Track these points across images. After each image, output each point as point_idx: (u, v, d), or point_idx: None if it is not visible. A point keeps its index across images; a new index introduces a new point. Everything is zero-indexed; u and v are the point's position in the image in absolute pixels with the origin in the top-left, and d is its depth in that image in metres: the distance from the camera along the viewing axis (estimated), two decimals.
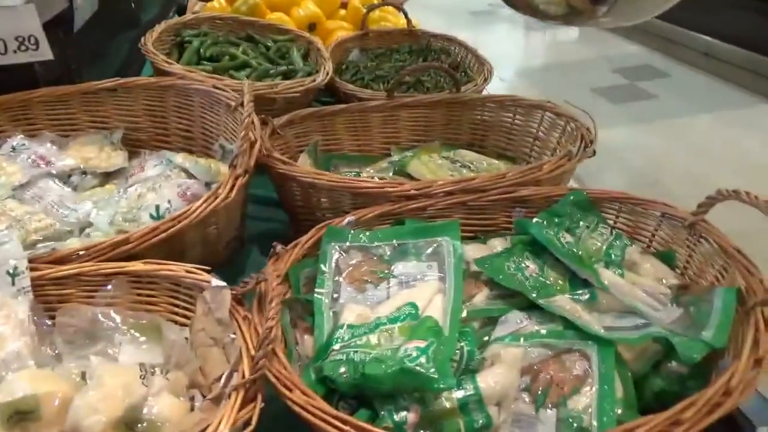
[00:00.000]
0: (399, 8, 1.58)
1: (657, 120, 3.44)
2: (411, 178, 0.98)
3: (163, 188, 0.81)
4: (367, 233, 0.72)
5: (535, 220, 0.73)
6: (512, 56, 4.90)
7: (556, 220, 0.72)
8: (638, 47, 4.68)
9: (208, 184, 0.85)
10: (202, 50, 1.27)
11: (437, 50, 1.49)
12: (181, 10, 2.01)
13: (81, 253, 0.68)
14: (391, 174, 1.02)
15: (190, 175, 0.85)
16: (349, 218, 0.74)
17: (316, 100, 1.27)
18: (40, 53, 0.89)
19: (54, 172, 0.87)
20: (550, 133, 1.03)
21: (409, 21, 1.56)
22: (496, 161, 0.99)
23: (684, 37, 4.27)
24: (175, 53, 1.28)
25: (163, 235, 0.69)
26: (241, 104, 0.86)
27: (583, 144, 0.89)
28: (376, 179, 0.91)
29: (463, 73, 1.37)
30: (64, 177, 0.88)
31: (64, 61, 0.95)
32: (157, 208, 0.78)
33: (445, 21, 5.58)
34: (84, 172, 0.89)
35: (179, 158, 0.88)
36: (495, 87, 1.29)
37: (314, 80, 1.13)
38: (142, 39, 1.15)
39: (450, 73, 1.11)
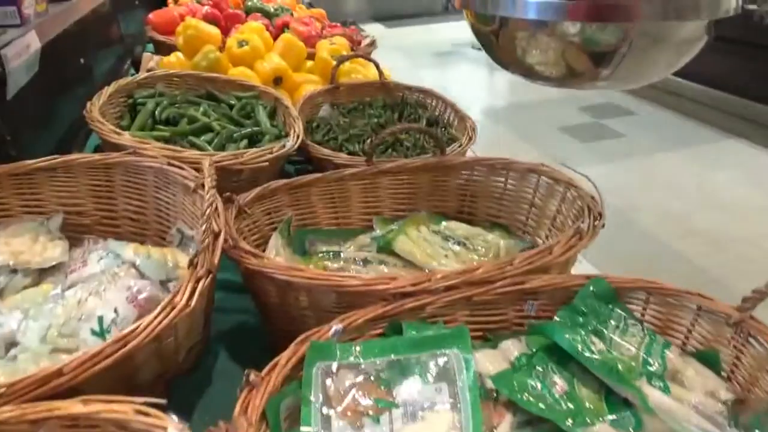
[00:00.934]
0: (369, 59, 1.49)
1: (626, 158, 3.45)
2: (397, 257, 0.87)
3: (108, 291, 0.68)
4: (359, 347, 0.60)
5: (556, 319, 0.62)
6: (477, 96, 4.92)
7: (580, 319, 0.62)
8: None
9: (164, 283, 0.71)
10: (157, 113, 1.15)
11: (413, 104, 1.41)
12: (138, 63, 1.89)
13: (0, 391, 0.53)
14: (374, 252, 0.91)
15: (142, 274, 0.71)
16: (335, 327, 0.61)
17: (287, 161, 1.16)
18: None
19: None
20: (547, 200, 0.93)
21: (381, 72, 1.48)
22: (492, 235, 0.89)
23: None
24: (127, 118, 1.15)
25: (107, 361, 0.56)
26: (201, 185, 0.74)
27: (592, 217, 0.80)
28: (363, 274, 0.79)
29: (443, 130, 1.28)
30: None
31: None
32: (101, 320, 0.64)
33: (411, 62, 5.62)
34: (14, 270, 0.75)
35: (128, 251, 0.74)
36: None
37: (284, 146, 1.02)
38: (88, 105, 1.02)
39: (433, 135, 1.01)
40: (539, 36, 0.74)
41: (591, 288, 0.66)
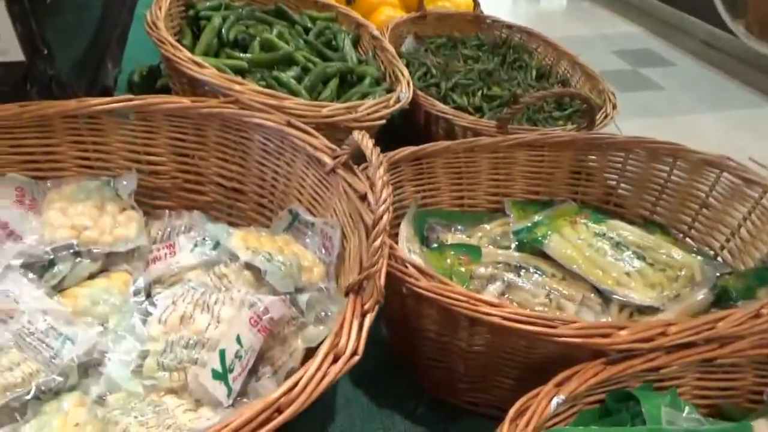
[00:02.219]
0: None
1: (666, 115, 3.25)
2: (546, 258, 0.69)
3: (222, 306, 0.49)
4: None
5: None
6: None
7: None
8: (636, 28, 4.45)
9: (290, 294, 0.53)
10: (224, 31, 0.91)
11: (516, 47, 1.18)
12: None
13: None
14: (513, 248, 0.73)
15: (260, 282, 0.52)
16: (556, 399, 0.44)
17: None
18: (3, 50, 0.53)
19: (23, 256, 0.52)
20: (729, 204, 0.75)
21: (477, 3, 1.24)
22: (678, 250, 0.70)
23: (685, 22, 4.07)
24: (187, 34, 0.91)
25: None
26: (342, 165, 0.54)
27: None
28: (534, 294, 0.62)
29: (560, 86, 1.07)
30: (38, 263, 0.53)
31: (37, 61, 0.59)
32: (223, 356, 0.46)
33: None
34: (77, 253, 0.55)
35: (235, 242, 0.54)
36: None
37: (399, 99, 0.80)
38: (148, 17, 0.78)
39: (590, 105, 0.80)
40: None
41: None
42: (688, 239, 0.79)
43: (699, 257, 0.69)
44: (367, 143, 0.49)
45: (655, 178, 0.81)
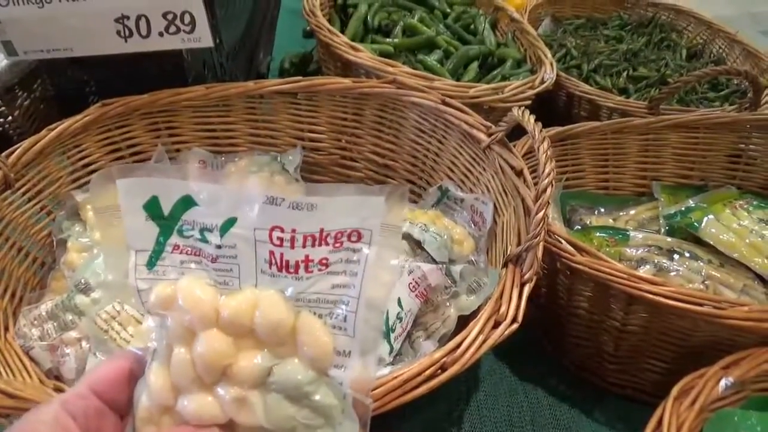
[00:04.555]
0: None
1: None
2: (706, 246, 0.66)
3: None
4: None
5: None
6: None
7: None
8: None
9: (445, 265, 0.55)
10: (369, 18, 0.95)
11: (663, 26, 1.12)
12: None
13: None
14: (663, 233, 0.70)
15: (419, 251, 0.55)
16: (725, 380, 0.43)
17: None
18: (197, 36, 0.60)
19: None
20: None
21: None
22: None
23: None
24: (336, 21, 0.97)
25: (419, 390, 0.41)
26: (498, 142, 0.56)
27: None
28: (690, 277, 0.60)
29: (714, 65, 1.00)
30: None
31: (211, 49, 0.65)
32: (386, 315, 0.49)
33: None
34: None
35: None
36: None
37: (543, 80, 0.80)
38: (306, 4, 0.84)
39: (755, 82, 0.75)
40: None
41: None
42: None
43: None
44: (529, 119, 0.50)
45: None
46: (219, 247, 0.28)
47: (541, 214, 0.46)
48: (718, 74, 0.81)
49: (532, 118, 0.50)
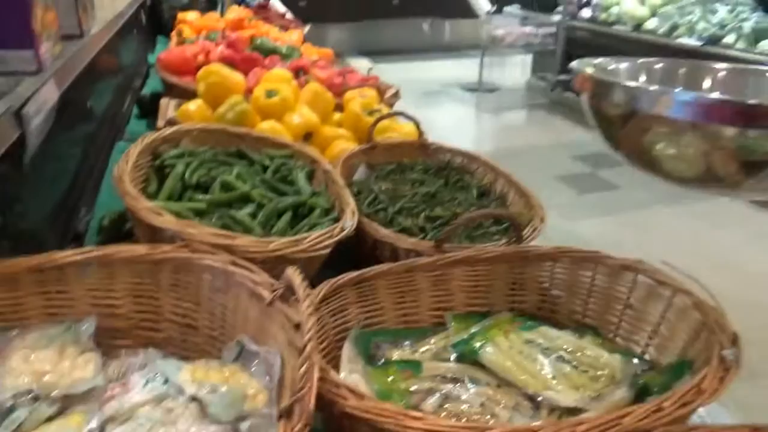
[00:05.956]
0: (409, 117, 1.39)
1: (622, 211, 3.42)
2: (486, 370, 0.75)
3: None
4: None
5: None
6: (467, 138, 4.87)
7: None
8: (591, 134, 4.75)
9: (234, 424, 0.57)
10: (187, 176, 1.01)
11: (458, 169, 1.30)
12: (142, 104, 1.75)
13: None
14: (453, 359, 0.78)
15: (206, 412, 0.57)
16: None
17: None
18: None
19: None
20: (647, 304, 0.83)
21: (421, 132, 1.37)
22: (598, 349, 0.77)
23: None
24: (153, 181, 1.01)
25: None
26: (280, 298, 0.61)
27: (727, 338, 0.69)
28: (468, 403, 0.67)
29: (497, 202, 1.17)
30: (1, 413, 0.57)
31: (11, 218, 0.66)
32: None
33: (405, 102, 5.55)
34: (36, 398, 0.59)
35: (184, 376, 0.60)
36: None
37: (343, 228, 0.89)
38: (115, 171, 0.88)
39: (514, 223, 0.90)
40: (681, 134, 0.64)
41: None
42: (618, 339, 0.85)
43: (621, 356, 0.75)
44: (296, 279, 0.56)
45: (582, 284, 0.88)
46: None
47: (304, 367, 0.50)
48: (483, 217, 0.96)
49: (299, 278, 0.57)
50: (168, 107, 1.37)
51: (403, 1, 7.51)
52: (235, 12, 2.39)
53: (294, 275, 0.57)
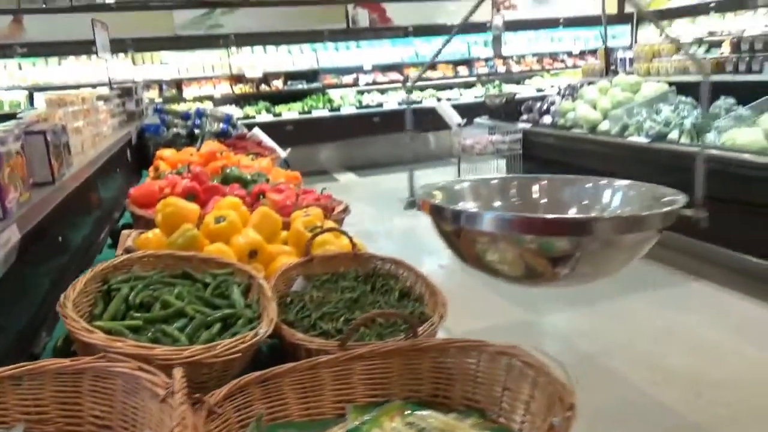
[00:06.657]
0: (341, 231, 1.56)
1: (593, 303, 3.51)
2: None
3: None
4: None
5: None
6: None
7: None
8: None
9: None
10: (131, 298, 1.16)
11: (385, 275, 1.45)
12: (114, 235, 1.93)
13: None
14: None
15: None
16: None
17: None
18: None
19: None
20: (519, 384, 0.94)
21: (354, 244, 1.53)
22: (466, 425, 0.88)
23: None
24: (101, 304, 1.16)
25: None
26: (172, 393, 0.74)
27: (564, 409, 0.80)
28: None
29: (415, 303, 1.31)
30: None
31: None
32: None
33: (380, 210, 5.82)
34: None
35: None
36: (434, 272, 1.22)
37: (256, 335, 1.02)
38: (61, 298, 1.03)
39: (407, 320, 1.03)
40: (496, 243, 0.80)
41: None
42: (501, 418, 0.96)
43: (480, 419, 0.86)
44: (177, 383, 0.69)
45: (468, 370, 1.00)
46: None
47: None
48: (377, 316, 1.10)
49: (180, 384, 0.70)
50: (128, 237, 1.55)
51: (383, 119, 8.06)
52: (208, 146, 2.66)
53: (177, 378, 0.71)
